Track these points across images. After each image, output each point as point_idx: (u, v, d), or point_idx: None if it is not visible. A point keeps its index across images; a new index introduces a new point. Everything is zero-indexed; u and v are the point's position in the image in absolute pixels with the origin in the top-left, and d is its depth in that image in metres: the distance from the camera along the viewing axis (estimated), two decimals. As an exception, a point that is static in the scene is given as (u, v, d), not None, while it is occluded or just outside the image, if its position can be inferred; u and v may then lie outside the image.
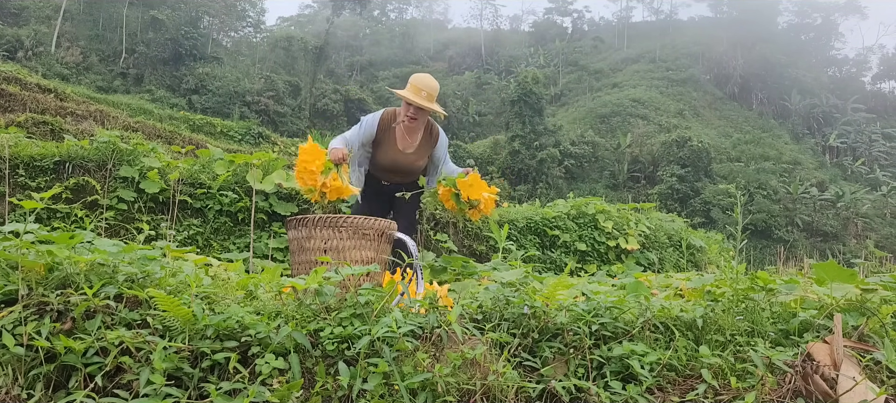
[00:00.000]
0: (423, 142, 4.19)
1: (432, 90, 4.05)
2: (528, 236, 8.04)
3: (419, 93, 4.00)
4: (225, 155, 6.56)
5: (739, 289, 2.53)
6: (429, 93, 4.03)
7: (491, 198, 3.76)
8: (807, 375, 1.92)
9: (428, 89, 4.03)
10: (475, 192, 3.70)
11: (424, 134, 4.20)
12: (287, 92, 49.16)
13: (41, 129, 11.76)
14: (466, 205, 3.72)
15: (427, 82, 4.06)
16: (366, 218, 2.76)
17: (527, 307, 2.20)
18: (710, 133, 53.53)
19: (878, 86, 73.77)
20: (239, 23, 58.74)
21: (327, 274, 2.25)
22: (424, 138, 4.20)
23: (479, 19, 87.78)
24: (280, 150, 26.86)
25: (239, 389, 1.77)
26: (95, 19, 48.59)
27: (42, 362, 1.83)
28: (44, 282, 2.05)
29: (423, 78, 4.10)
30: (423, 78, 4.10)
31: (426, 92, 4.02)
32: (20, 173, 5.51)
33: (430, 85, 4.05)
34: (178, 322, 1.92)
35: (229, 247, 5.88)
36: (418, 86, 4.02)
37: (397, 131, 4.11)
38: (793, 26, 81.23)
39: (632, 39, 77.70)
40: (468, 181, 3.72)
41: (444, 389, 1.84)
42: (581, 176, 45.35)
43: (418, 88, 4.01)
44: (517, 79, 45.36)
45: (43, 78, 26.05)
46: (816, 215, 40.84)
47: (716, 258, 10.29)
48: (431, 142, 4.23)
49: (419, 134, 4.17)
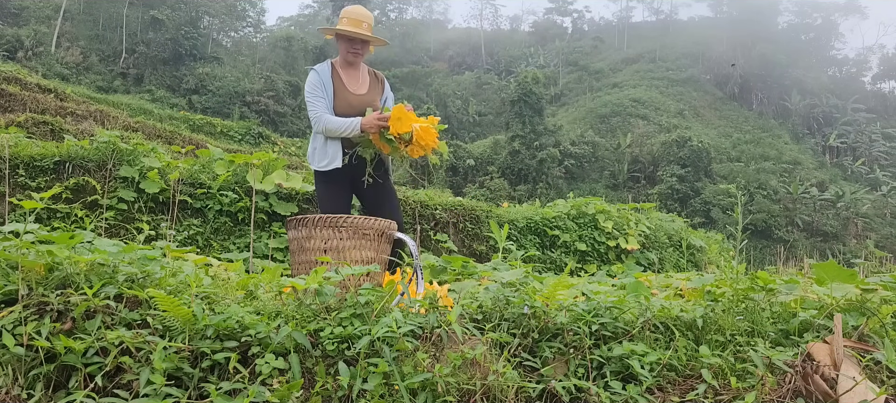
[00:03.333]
0: (372, 84, 3.85)
1: (370, 20, 3.69)
2: (528, 236, 8.04)
3: (360, 25, 3.65)
4: (225, 155, 6.56)
5: (739, 289, 2.53)
6: (368, 23, 3.68)
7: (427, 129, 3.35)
8: (807, 375, 1.92)
9: (367, 19, 3.67)
10: (404, 126, 3.30)
11: (370, 76, 3.88)
12: (287, 92, 49.15)
13: (41, 129, 11.76)
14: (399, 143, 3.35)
15: (363, 12, 3.69)
16: (366, 218, 2.76)
17: (527, 307, 2.20)
18: (710, 133, 53.53)
19: (878, 86, 73.80)
20: (239, 23, 58.75)
21: (327, 274, 2.25)
22: (372, 80, 3.87)
23: (479, 19, 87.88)
24: (280, 150, 26.84)
25: (239, 389, 1.77)
26: (95, 19, 48.62)
27: (42, 362, 1.82)
28: (44, 282, 2.05)
29: (356, 9, 3.69)
30: (356, 9, 3.69)
31: (366, 22, 3.67)
32: (20, 173, 5.51)
33: (366, 15, 3.68)
34: (178, 322, 1.92)
35: (229, 247, 5.88)
36: (357, 19, 3.65)
37: (343, 75, 3.77)
38: (793, 26, 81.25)
39: (632, 39, 77.72)
40: (393, 114, 3.34)
41: (444, 389, 1.84)
42: (581, 176, 45.36)
43: (357, 20, 3.65)
44: (517, 79, 45.37)
45: (43, 78, 26.04)
46: (816, 215, 40.85)
47: (716, 258, 10.29)
48: (378, 83, 3.89)
49: (365, 73, 3.86)
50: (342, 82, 3.73)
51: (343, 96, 3.71)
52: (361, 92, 3.76)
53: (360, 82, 3.79)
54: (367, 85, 3.81)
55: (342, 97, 3.70)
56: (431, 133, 3.37)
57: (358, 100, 3.71)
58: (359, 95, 3.74)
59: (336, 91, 3.70)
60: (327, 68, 3.76)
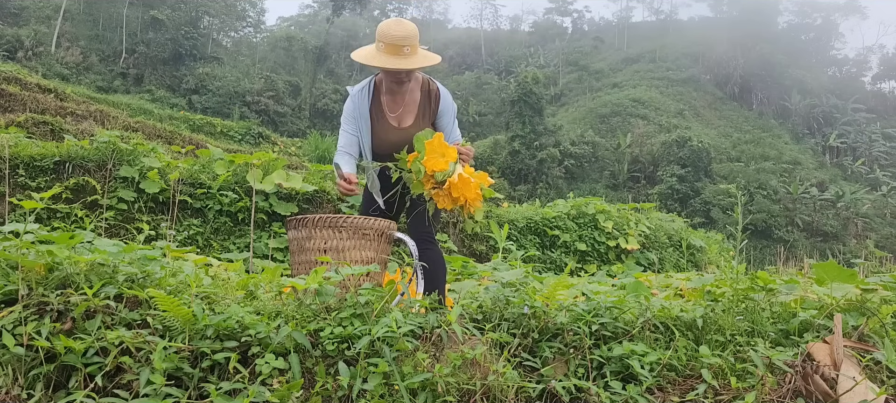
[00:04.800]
0: (422, 110, 3.02)
1: (412, 38, 2.78)
2: (528, 236, 8.04)
3: (399, 51, 2.76)
4: (225, 155, 6.57)
5: (739, 289, 2.53)
6: (411, 44, 2.78)
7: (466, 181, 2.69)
8: (807, 375, 1.92)
9: (408, 40, 2.76)
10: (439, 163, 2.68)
11: (422, 96, 3.02)
12: (287, 92, 49.15)
13: (41, 129, 11.76)
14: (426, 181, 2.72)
15: (403, 31, 2.78)
16: (366, 218, 2.75)
17: (527, 307, 2.20)
18: (710, 133, 53.53)
19: (878, 86, 73.79)
20: (239, 23, 58.70)
21: (327, 274, 2.25)
22: (423, 103, 3.02)
23: (479, 19, 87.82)
24: (280, 150, 26.86)
25: (239, 389, 1.77)
26: (95, 19, 48.60)
27: (42, 362, 1.82)
28: (44, 282, 2.05)
29: (394, 26, 2.80)
30: (393, 27, 2.79)
31: (408, 44, 2.76)
32: (20, 173, 5.51)
33: (406, 33, 2.77)
34: (178, 322, 1.92)
35: (229, 247, 5.88)
36: (394, 43, 2.75)
37: (387, 100, 2.99)
38: (793, 26, 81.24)
39: (632, 39, 77.70)
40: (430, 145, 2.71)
41: (444, 389, 1.84)
42: (581, 176, 45.34)
43: (396, 45, 2.75)
44: (517, 79, 45.36)
45: (43, 78, 26.05)
46: (816, 215, 40.84)
47: (716, 258, 10.29)
48: (431, 104, 3.04)
49: (415, 94, 3.01)
50: (382, 111, 2.98)
51: (381, 129, 2.99)
52: (406, 123, 2.98)
53: (405, 109, 2.99)
54: (414, 112, 3.00)
55: (380, 130, 2.98)
56: (471, 188, 2.68)
57: (398, 137, 2.96)
58: (401, 129, 2.98)
59: (374, 122, 2.98)
60: (366, 93, 3.00)
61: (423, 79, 3.04)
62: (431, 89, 3.04)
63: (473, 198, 2.68)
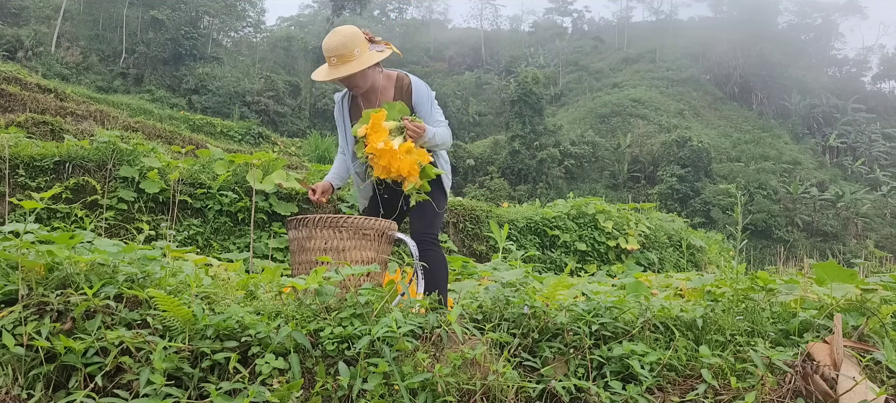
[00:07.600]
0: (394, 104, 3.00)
1: (341, 47, 2.79)
2: (528, 236, 8.04)
3: (330, 61, 2.82)
4: (225, 155, 6.57)
5: (739, 289, 2.53)
6: (339, 54, 2.79)
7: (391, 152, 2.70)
8: (807, 375, 1.92)
9: (336, 50, 2.79)
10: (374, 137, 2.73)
11: (395, 93, 3.03)
12: (287, 92, 49.16)
13: (41, 129, 11.75)
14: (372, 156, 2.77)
15: (332, 42, 2.81)
16: (366, 218, 2.75)
17: (527, 307, 2.20)
18: (710, 133, 53.53)
19: (878, 86, 73.79)
20: (239, 23, 58.67)
21: (327, 274, 2.25)
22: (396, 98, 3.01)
23: (479, 19, 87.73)
24: (280, 150, 26.85)
25: (239, 389, 1.77)
26: (95, 19, 48.60)
27: (42, 362, 1.82)
28: (44, 282, 2.05)
29: (328, 39, 2.85)
30: (327, 39, 2.85)
31: (335, 54, 2.80)
32: (20, 173, 5.51)
33: (337, 42, 2.80)
34: (178, 322, 1.92)
35: (229, 247, 5.88)
36: (327, 55, 2.83)
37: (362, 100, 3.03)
38: (793, 26, 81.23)
39: (632, 39, 77.67)
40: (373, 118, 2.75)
41: (444, 389, 1.84)
42: (581, 176, 45.33)
43: (328, 57, 2.83)
44: (517, 79, 45.34)
45: (43, 78, 26.04)
46: (816, 215, 40.84)
47: (716, 258, 10.30)
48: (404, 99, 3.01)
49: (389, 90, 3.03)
50: (359, 112, 2.97)
51: None
52: None
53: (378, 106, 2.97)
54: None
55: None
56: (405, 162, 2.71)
57: None
58: None
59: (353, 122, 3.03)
60: (346, 98, 3.10)
61: (397, 75, 3.07)
62: (403, 84, 3.06)
63: (408, 171, 2.74)
